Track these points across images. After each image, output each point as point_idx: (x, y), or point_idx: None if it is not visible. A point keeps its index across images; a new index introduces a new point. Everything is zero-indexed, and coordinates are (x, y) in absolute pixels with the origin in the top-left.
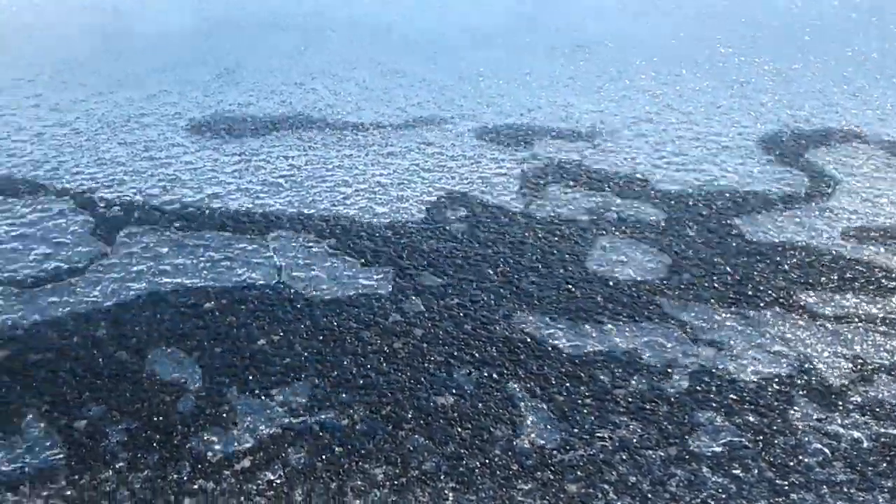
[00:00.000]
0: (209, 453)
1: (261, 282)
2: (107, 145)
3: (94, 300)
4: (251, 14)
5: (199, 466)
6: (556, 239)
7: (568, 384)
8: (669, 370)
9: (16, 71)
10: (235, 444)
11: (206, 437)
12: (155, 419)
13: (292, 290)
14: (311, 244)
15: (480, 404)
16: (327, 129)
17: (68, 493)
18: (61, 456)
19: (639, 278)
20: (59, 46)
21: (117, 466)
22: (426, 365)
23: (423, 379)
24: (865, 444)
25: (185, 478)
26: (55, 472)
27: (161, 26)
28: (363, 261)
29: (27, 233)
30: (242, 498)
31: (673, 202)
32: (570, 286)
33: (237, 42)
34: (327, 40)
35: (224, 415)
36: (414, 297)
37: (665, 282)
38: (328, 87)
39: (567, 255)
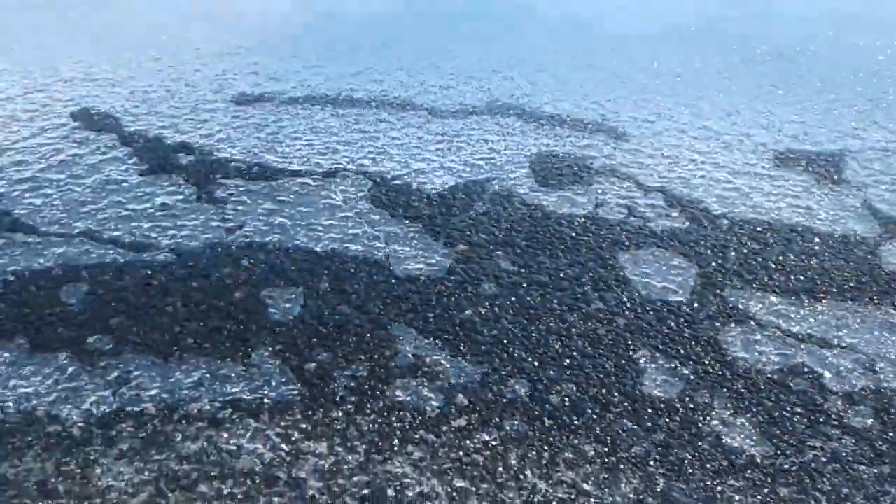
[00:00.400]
0: (428, 408)
1: (468, 256)
2: (321, 115)
3: (315, 256)
4: (454, 1)
5: (420, 419)
6: (759, 247)
7: (776, 391)
8: (882, 389)
9: (236, 39)
10: (451, 403)
11: (426, 394)
12: (377, 370)
13: (499, 268)
14: (511, 227)
15: (687, 398)
16: (524, 116)
17: (303, 426)
18: (295, 392)
19: (849, 295)
20: (274, 19)
21: (346, 408)
22: (631, 354)
23: (628, 367)
24: None
25: (407, 427)
26: (291, 406)
27: (368, 7)
28: (563, 247)
29: (253, 188)
30: (461, 453)
31: (884, 220)
32: (775, 294)
33: (439, 27)
34: (525, 31)
35: (439, 375)
36: (615, 287)
37: (875, 299)
38: (525, 77)
39: (771, 264)
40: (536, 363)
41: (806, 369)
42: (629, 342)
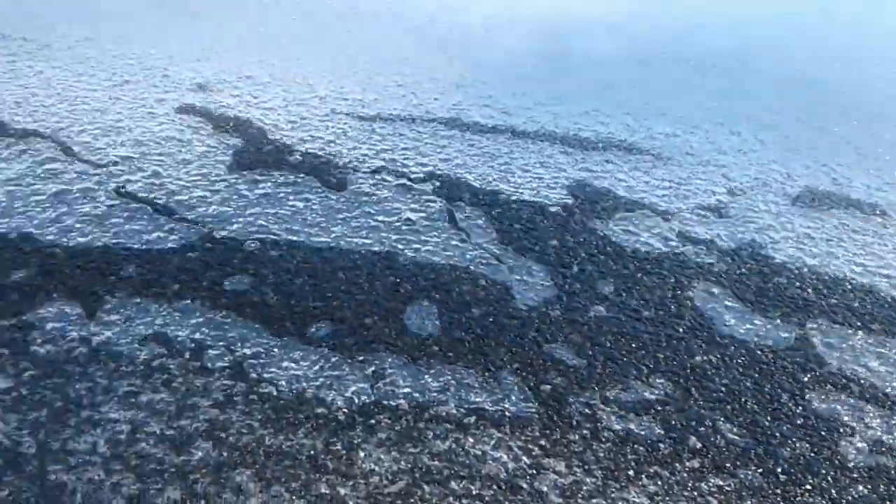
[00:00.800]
0: (661, 445)
1: (695, 304)
2: (549, 150)
3: (548, 285)
4: (682, 51)
5: (654, 454)
6: None
7: None
8: None
9: (469, 72)
10: (684, 444)
11: (659, 432)
12: (609, 402)
13: (728, 318)
14: (739, 279)
15: None
16: (752, 172)
17: (542, 443)
18: (533, 410)
19: None
20: (505, 55)
21: (582, 433)
22: (867, 421)
23: (862, 433)
24: None
25: (641, 460)
26: (529, 423)
27: (595, 50)
28: (795, 306)
29: (490, 213)
30: (696, 493)
31: None
32: None
33: (664, 75)
34: (753, 87)
35: (672, 415)
36: (836, 354)
37: None
38: (753, 133)
39: None
40: (769, 418)
41: None
42: (865, 409)
